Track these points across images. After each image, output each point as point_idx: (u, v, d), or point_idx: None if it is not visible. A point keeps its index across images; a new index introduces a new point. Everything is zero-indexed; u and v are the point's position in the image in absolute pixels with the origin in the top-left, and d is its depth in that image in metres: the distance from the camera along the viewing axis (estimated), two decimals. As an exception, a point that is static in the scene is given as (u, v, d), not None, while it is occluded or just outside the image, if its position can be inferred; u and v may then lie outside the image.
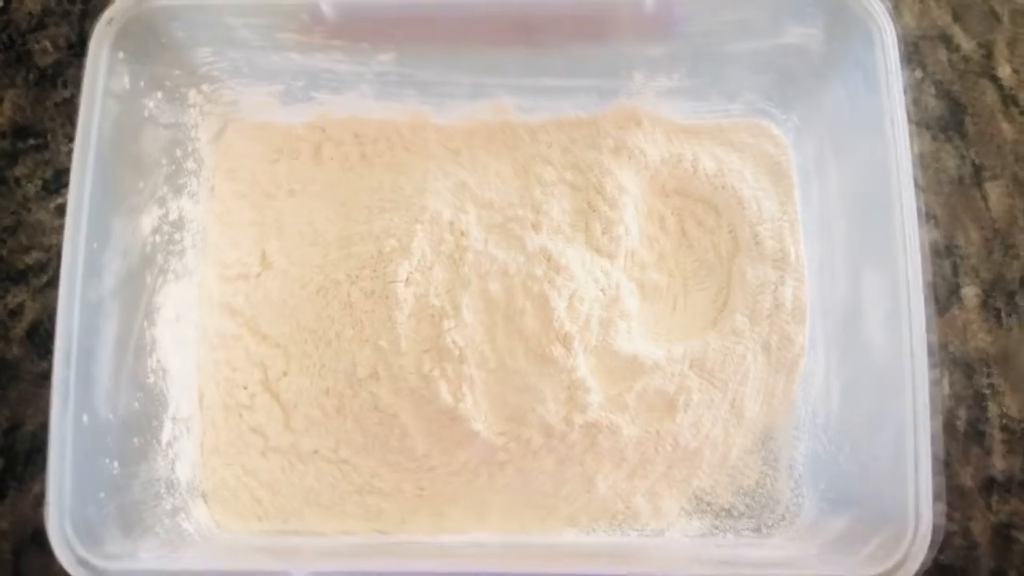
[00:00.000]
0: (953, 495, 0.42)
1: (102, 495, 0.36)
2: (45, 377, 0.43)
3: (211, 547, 0.39)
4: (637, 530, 0.41)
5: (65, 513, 0.33)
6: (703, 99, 0.43)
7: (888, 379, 0.36)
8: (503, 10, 0.38)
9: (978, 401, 0.43)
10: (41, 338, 0.44)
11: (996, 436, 0.43)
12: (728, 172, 0.43)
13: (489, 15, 0.38)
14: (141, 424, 0.39)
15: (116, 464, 0.37)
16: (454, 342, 0.40)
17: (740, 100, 0.43)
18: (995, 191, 0.45)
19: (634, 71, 0.42)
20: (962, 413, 0.43)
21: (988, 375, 0.43)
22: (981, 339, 0.44)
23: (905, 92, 0.37)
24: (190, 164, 0.43)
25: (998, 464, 0.42)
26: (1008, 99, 0.46)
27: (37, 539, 0.42)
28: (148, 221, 0.40)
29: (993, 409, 0.43)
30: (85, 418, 0.35)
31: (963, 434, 0.43)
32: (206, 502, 0.41)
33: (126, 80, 0.38)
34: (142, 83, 0.39)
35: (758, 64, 0.40)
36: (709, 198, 0.44)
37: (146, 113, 0.39)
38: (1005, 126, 0.46)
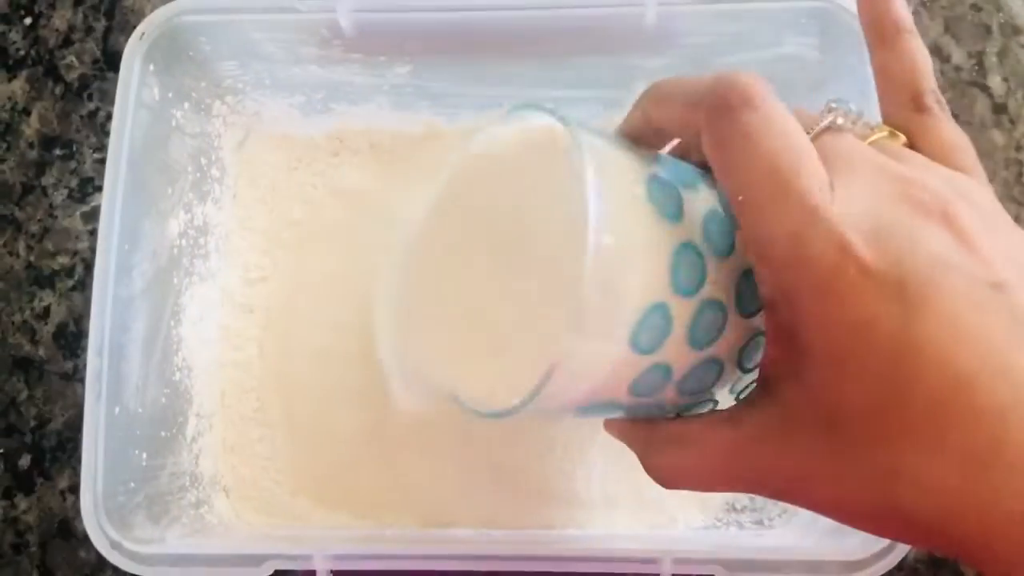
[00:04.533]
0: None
1: (132, 484, 0.37)
2: (71, 377, 0.45)
3: (234, 536, 0.40)
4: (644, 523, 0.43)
5: (99, 499, 0.35)
6: None
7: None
8: (512, 25, 0.40)
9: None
10: (67, 339, 0.46)
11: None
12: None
13: (499, 30, 0.40)
14: (167, 419, 0.41)
15: (145, 455, 0.38)
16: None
17: None
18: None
19: (635, 82, 0.44)
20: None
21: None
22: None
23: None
24: (214, 172, 0.45)
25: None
26: (999, 108, 0.48)
27: (63, 531, 0.44)
28: (175, 225, 0.41)
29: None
30: (117, 410, 0.36)
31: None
32: (227, 496, 0.43)
33: (156, 91, 0.40)
34: (170, 94, 0.41)
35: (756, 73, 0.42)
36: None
37: (174, 123, 0.41)
38: (995, 134, 0.47)
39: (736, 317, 0.27)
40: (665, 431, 0.28)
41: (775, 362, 0.25)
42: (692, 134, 0.26)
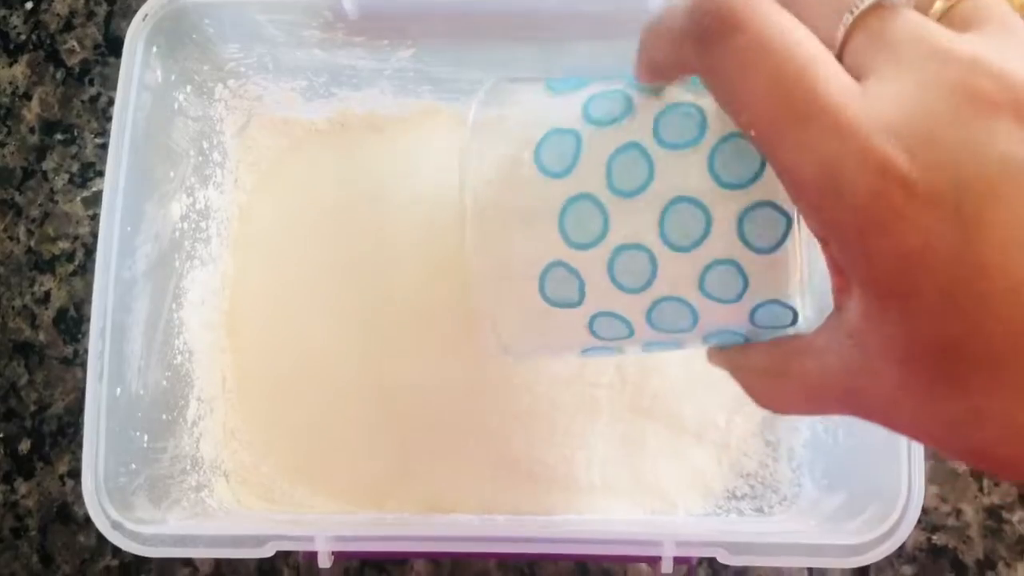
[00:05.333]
0: (946, 479, 0.43)
1: (133, 466, 0.37)
2: (71, 362, 0.45)
3: (234, 518, 0.40)
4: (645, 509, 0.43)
5: (100, 479, 0.35)
6: None
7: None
8: (514, 9, 0.40)
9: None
10: (67, 324, 0.46)
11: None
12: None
13: (501, 13, 0.40)
14: (169, 402, 0.41)
15: (146, 438, 0.38)
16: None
17: None
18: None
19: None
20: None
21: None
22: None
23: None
24: (216, 156, 0.45)
25: (990, 448, 0.44)
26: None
27: (62, 516, 0.44)
28: (177, 208, 0.41)
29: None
30: (118, 390, 0.36)
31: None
32: (228, 481, 0.43)
33: (159, 74, 0.40)
34: (173, 77, 0.41)
35: None
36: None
37: (176, 106, 0.41)
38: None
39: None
40: (755, 360, 0.27)
41: (840, 290, 0.23)
42: (692, 71, 0.23)
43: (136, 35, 0.38)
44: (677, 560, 0.34)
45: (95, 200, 0.47)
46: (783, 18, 0.21)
